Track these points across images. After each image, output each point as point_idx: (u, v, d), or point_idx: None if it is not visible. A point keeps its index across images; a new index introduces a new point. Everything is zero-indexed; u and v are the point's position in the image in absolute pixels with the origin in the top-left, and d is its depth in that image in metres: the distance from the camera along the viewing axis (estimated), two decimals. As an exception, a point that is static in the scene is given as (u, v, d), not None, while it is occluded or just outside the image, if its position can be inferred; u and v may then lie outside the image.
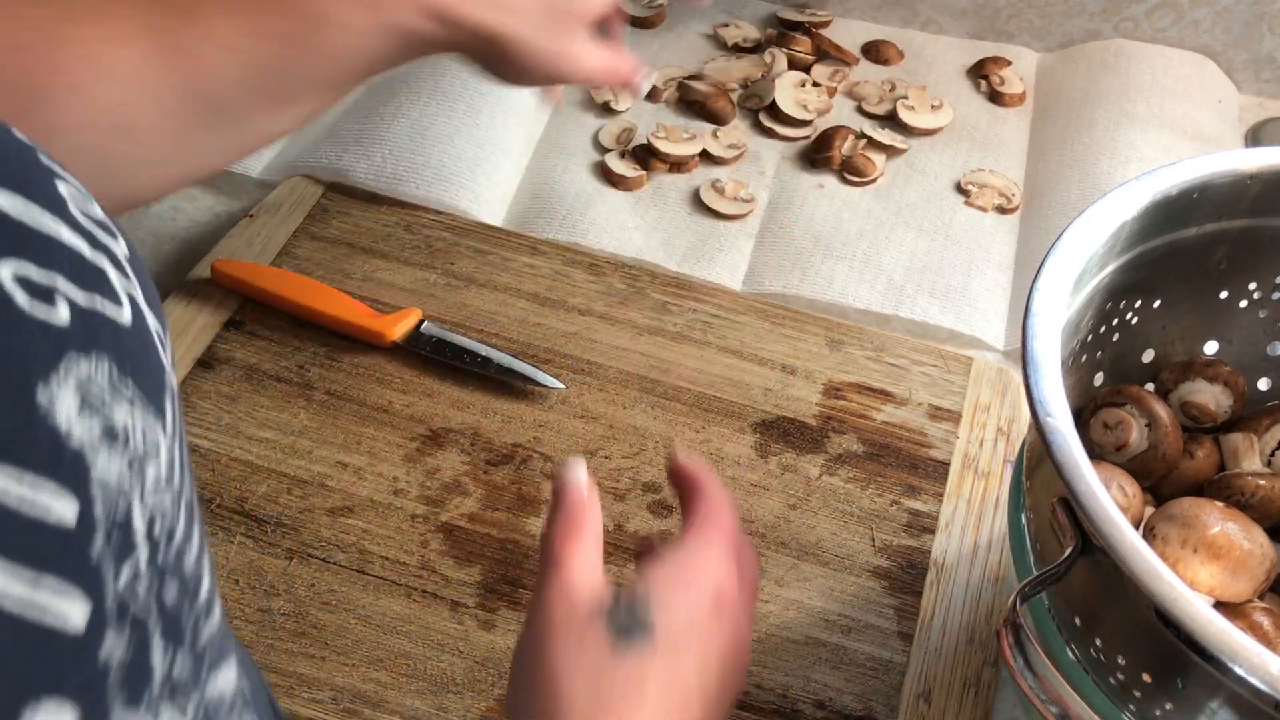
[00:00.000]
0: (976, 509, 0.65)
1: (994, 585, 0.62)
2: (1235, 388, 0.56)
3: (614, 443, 0.67)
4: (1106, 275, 0.51)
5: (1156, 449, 0.53)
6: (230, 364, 0.69)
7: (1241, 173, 0.50)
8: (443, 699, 0.56)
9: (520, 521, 0.63)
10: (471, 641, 0.58)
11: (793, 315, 0.74)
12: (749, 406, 0.69)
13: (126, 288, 0.27)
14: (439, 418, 0.67)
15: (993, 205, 0.83)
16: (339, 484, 0.64)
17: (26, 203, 0.25)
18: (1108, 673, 0.45)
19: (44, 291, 0.24)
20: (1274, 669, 0.36)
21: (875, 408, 0.69)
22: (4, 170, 0.25)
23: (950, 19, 0.96)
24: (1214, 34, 0.90)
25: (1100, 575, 0.42)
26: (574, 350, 0.71)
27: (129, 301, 0.27)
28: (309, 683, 0.56)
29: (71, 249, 0.25)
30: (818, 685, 0.58)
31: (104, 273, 0.26)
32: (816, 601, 0.61)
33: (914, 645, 0.59)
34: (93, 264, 0.26)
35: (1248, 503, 0.51)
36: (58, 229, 0.25)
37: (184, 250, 0.79)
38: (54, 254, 0.25)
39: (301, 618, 0.58)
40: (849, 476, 0.66)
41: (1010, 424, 0.69)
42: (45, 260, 0.24)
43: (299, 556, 0.61)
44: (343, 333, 0.71)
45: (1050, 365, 0.44)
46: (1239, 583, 0.47)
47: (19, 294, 0.23)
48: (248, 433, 0.66)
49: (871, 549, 0.63)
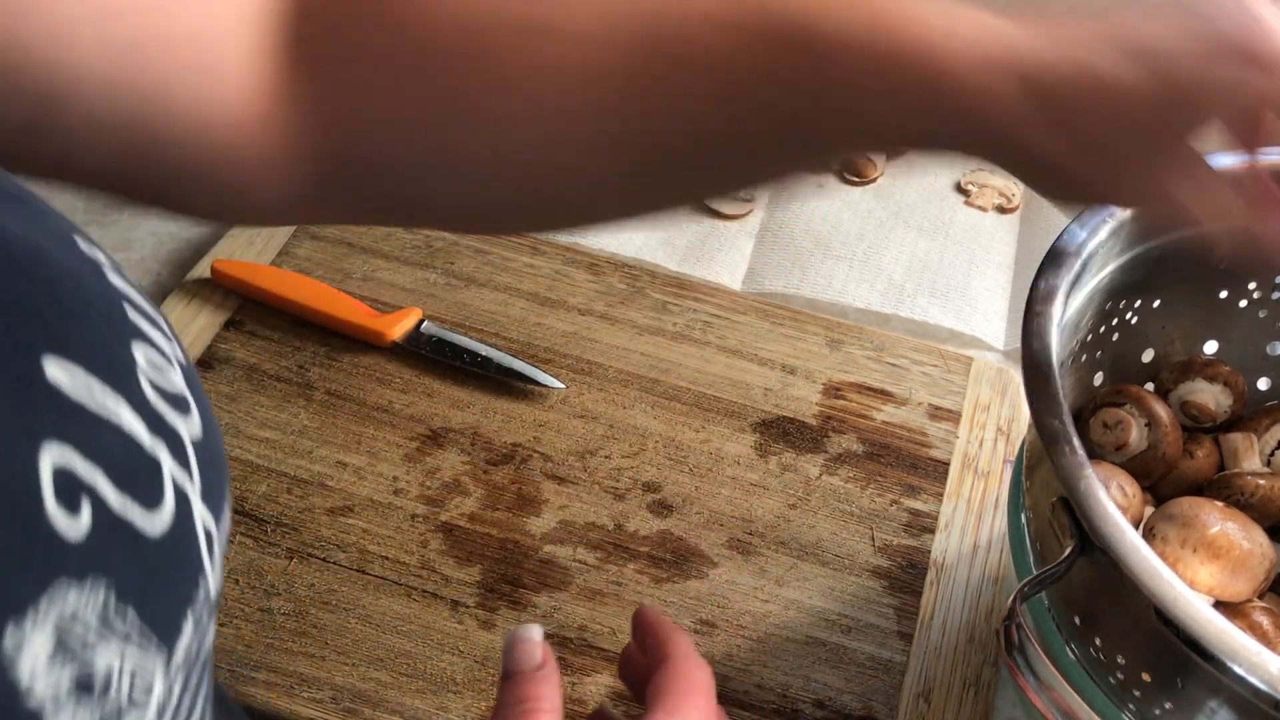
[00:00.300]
0: (976, 509, 0.65)
1: (994, 585, 0.62)
2: (1235, 387, 0.56)
3: (614, 442, 0.67)
4: (1106, 275, 0.51)
5: (1156, 449, 0.53)
6: (230, 364, 0.69)
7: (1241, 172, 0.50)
8: (443, 699, 0.56)
9: (520, 521, 0.63)
10: (471, 641, 0.58)
11: (793, 315, 0.74)
12: (749, 406, 0.69)
13: (180, 480, 0.24)
14: (439, 417, 0.67)
15: (993, 205, 0.83)
16: (339, 484, 0.64)
17: (89, 377, 0.22)
18: (1107, 672, 0.45)
19: (75, 490, 0.21)
20: (1273, 668, 0.36)
21: (875, 407, 0.69)
22: (77, 332, 0.23)
23: (950, 19, 0.96)
24: (1214, 34, 0.90)
25: (1100, 575, 0.42)
26: (574, 350, 0.71)
27: (175, 499, 0.24)
28: (309, 683, 0.56)
29: (128, 436, 0.23)
30: (818, 685, 0.58)
31: (156, 465, 0.23)
32: (816, 601, 0.61)
33: (914, 645, 0.59)
34: (148, 455, 0.23)
35: (1247, 502, 0.51)
36: (118, 410, 0.23)
37: (184, 250, 0.79)
38: (105, 441, 0.22)
39: (301, 618, 0.58)
40: (849, 476, 0.66)
41: (1010, 424, 0.69)
42: (93, 449, 0.21)
43: (299, 556, 0.61)
44: (342, 332, 0.71)
45: (1050, 365, 0.44)
46: (1239, 582, 0.47)
47: (49, 494, 0.20)
48: (248, 432, 0.66)
49: (871, 549, 0.63)
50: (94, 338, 0.23)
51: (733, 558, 0.62)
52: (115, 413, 0.23)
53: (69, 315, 0.23)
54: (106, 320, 0.24)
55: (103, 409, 0.22)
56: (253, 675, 0.56)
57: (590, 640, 0.59)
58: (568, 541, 0.62)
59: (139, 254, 0.78)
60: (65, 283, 0.24)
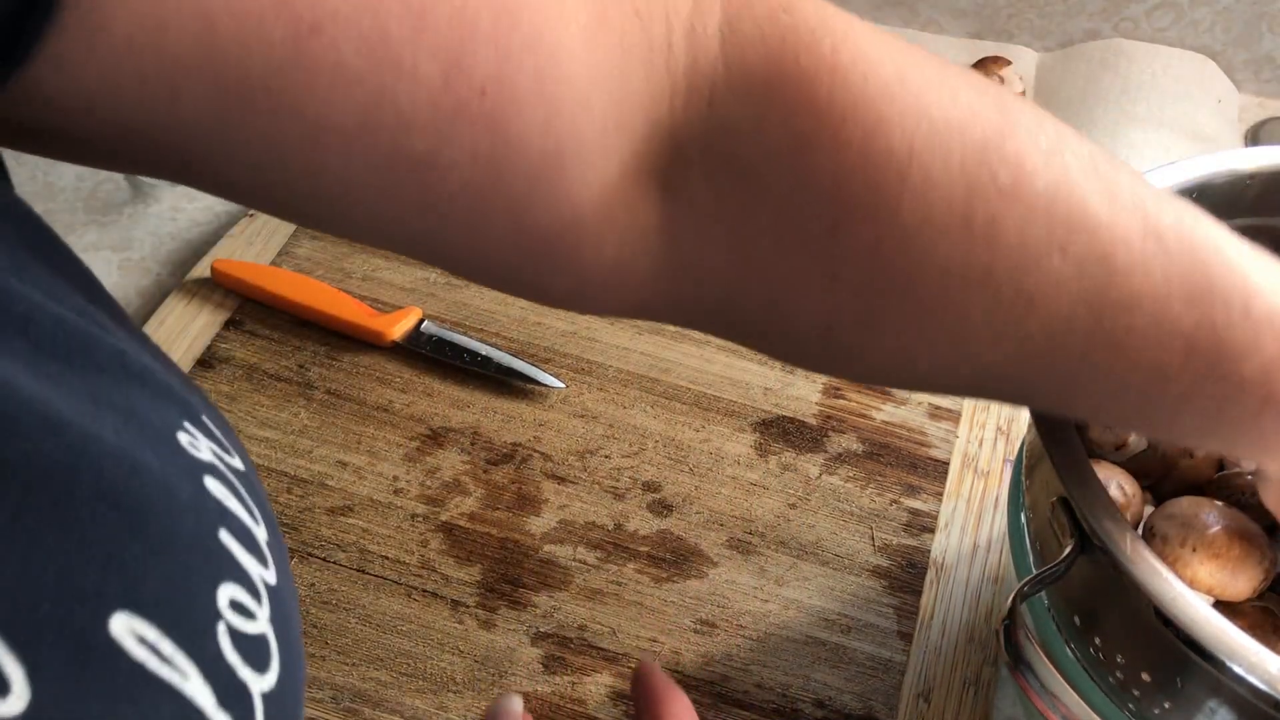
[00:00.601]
0: (976, 508, 0.65)
1: (994, 584, 0.62)
2: (1235, 387, 0.56)
3: (614, 442, 0.67)
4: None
5: (1155, 448, 0.53)
6: (230, 364, 0.69)
7: (1241, 172, 0.50)
8: (443, 698, 0.56)
9: (520, 521, 0.63)
10: (471, 641, 0.58)
11: (792, 315, 0.74)
12: (749, 406, 0.69)
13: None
14: (439, 417, 0.67)
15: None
16: (339, 483, 0.64)
17: (160, 636, 0.19)
18: (1107, 671, 0.45)
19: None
20: (1273, 668, 0.36)
21: (875, 407, 0.69)
22: (157, 577, 0.20)
23: (950, 19, 0.96)
24: (1214, 34, 0.90)
25: (1099, 574, 0.42)
26: (574, 350, 0.71)
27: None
28: (309, 682, 0.56)
29: (189, 707, 0.20)
30: (817, 685, 0.58)
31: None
32: (816, 601, 0.61)
33: (914, 644, 0.59)
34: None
35: (1248, 502, 0.51)
36: (185, 674, 0.20)
37: (184, 250, 0.79)
38: (158, 716, 0.19)
39: (302, 617, 0.58)
40: (849, 476, 0.66)
41: (1010, 423, 0.69)
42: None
43: (299, 556, 0.61)
44: (342, 332, 0.71)
45: (1050, 365, 0.44)
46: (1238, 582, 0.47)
47: None
48: (248, 432, 0.66)
49: (871, 548, 0.63)
50: (176, 584, 0.20)
51: (732, 557, 0.62)
52: (181, 678, 0.20)
53: (152, 554, 0.20)
54: (197, 554, 0.21)
55: (166, 674, 0.19)
56: (253, 675, 0.56)
57: (590, 640, 0.59)
58: (568, 541, 0.62)
59: (139, 254, 0.78)
60: (155, 509, 0.21)
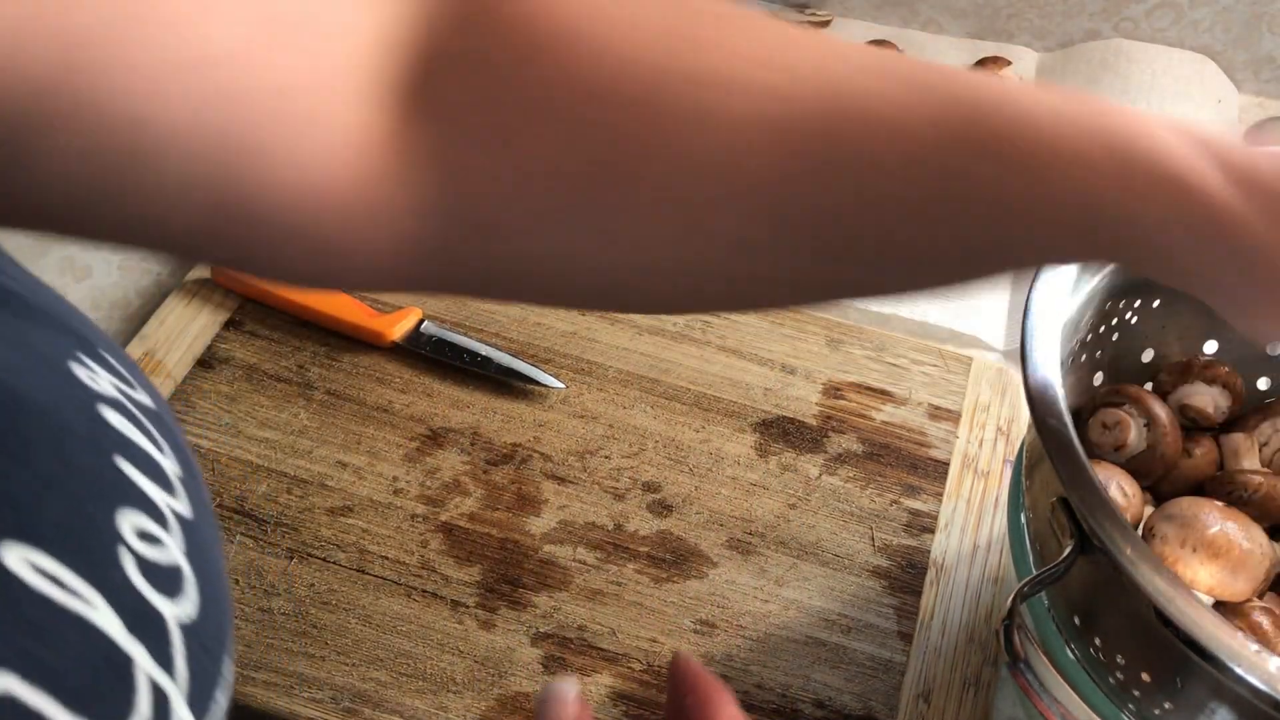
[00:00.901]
0: (976, 509, 0.65)
1: (994, 585, 0.62)
2: (1233, 389, 0.56)
3: (614, 442, 0.67)
4: (1106, 275, 0.51)
5: (1155, 449, 0.53)
6: (230, 364, 0.69)
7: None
8: (443, 699, 0.56)
9: (520, 521, 0.63)
10: (471, 641, 0.58)
11: (792, 314, 0.74)
12: (749, 406, 0.69)
13: (160, 683, 0.21)
14: (439, 417, 0.67)
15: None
16: (339, 484, 0.64)
17: (59, 566, 0.19)
18: (1107, 672, 0.45)
19: None
20: (1272, 668, 0.36)
21: (875, 407, 0.69)
22: (50, 506, 0.20)
23: (950, 19, 0.96)
24: (1214, 34, 0.90)
25: (1099, 575, 0.42)
26: (574, 350, 0.71)
27: (152, 708, 0.21)
28: (309, 683, 0.56)
29: (98, 636, 0.20)
30: (818, 685, 0.58)
31: (128, 669, 0.20)
32: (816, 601, 0.61)
33: (914, 645, 0.59)
34: (120, 655, 0.20)
35: (1248, 500, 0.51)
36: (90, 603, 0.20)
37: (184, 250, 0.78)
38: (64, 651, 0.19)
39: (301, 617, 0.58)
40: (849, 476, 0.66)
41: (1010, 424, 0.69)
42: (42, 671, 0.19)
43: (299, 556, 0.61)
44: (342, 332, 0.71)
45: (1049, 365, 0.44)
46: (1238, 582, 0.47)
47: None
48: (248, 432, 0.66)
49: (871, 549, 0.63)
50: (70, 512, 0.20)
51: (732, 558, 0.62)
52: (87, 607, 0.20)
53: (43, 484, 0.20)
54: (91, 481, 0.21)
55: (70, 604, 0.20)
56: (252, 675, 0.56)
57: (590, 640, 0.59)
58: (568, 541, 0.62)
59: (139, 254, 0.78)
60: (43, 438, 0.21)
